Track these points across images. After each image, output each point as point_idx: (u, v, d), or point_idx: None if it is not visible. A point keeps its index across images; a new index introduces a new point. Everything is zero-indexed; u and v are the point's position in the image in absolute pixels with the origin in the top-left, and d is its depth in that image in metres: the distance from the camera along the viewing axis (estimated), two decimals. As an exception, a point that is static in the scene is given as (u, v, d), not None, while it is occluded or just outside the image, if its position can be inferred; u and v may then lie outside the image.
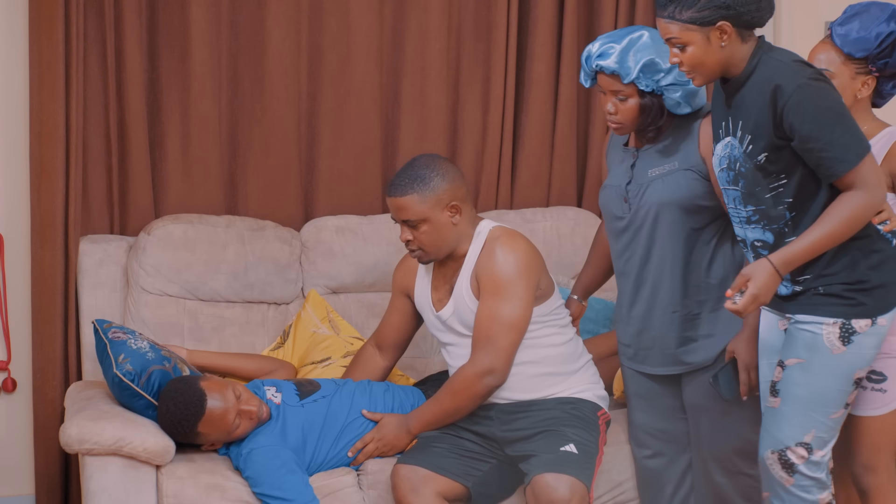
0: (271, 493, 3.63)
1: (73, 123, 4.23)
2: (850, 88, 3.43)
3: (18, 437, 4.40)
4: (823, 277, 3.25)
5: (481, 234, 3.79)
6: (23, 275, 4.36)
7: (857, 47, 3.40)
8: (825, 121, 3.13)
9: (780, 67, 3.19)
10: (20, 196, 4.35)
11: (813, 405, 3.30)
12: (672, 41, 3.24)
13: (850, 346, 3.25)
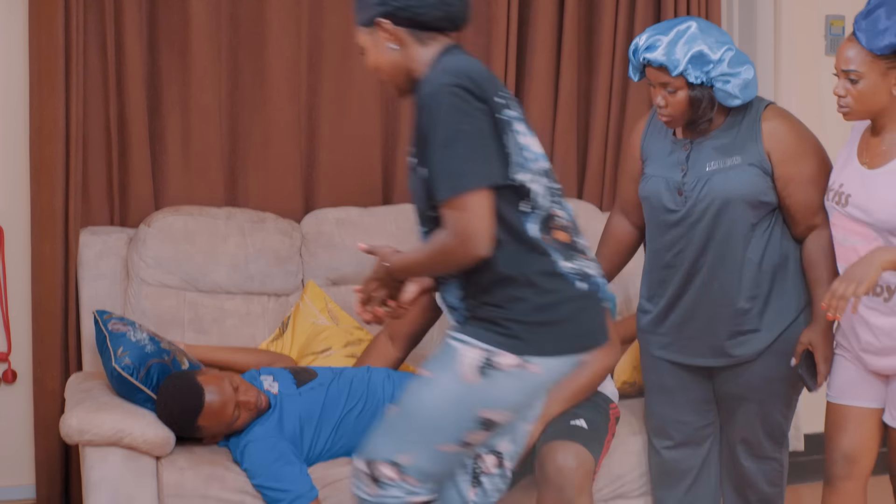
0: (269, 485, 3.63)
1: (73, 117, 4.24)
2: (884, 86, 3.30)
3: (19, 427, 4.41)
4: (486, 302, 2.92)
5: None
6: (23, 266, 4.36)
7: (881, 43, 3.25)
8: (442, 136, 2.80)
9: (435, 71, 2.90)
10: (20, 188, 4.36)
11: (420, 427, 2.96)
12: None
13: (485, 378, 2.88)
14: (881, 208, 3.32)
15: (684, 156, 3.68)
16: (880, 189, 3.33)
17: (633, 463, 4.02)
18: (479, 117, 2.84)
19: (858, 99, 3.31)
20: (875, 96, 3.30)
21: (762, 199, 3.61)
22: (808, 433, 5.28)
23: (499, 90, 2.94)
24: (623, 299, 4.64)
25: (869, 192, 3.35)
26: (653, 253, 3.80)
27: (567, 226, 2.99)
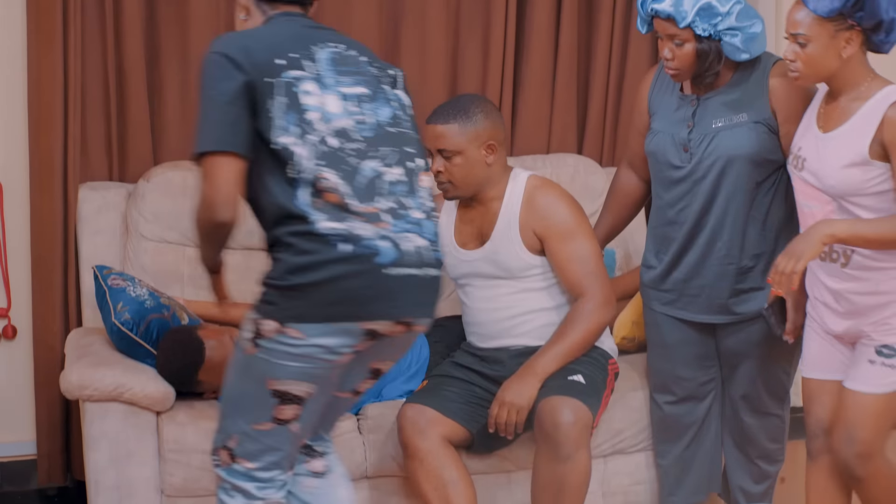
0: None
1: (71, 70, 4.22)
2: (833, 49, 3.23)
3: (19, 383, 4.42)
4: (265, 270, 2.91)
5: (518, 183, 3.82)
6: (22, 222, 4.36)
7: (825, 5, 3.19)
8: (200, 102, 2.89)
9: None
10: (19, 144, 4.34)
11: (235, 408, 2.97)
12: None
13: (258, 349, 2.87)
14: (829, 174, 3.28)
15: (691, 112, 3.67)
16: (830, 153, 3.30)
17: (632, 418, 4.03)
18: (228, 85, 2.85)
19: (808, 62, 3.25)
20: (824, 59, 3.24)
21: (768, 157, 3.60)
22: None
23: (290, 52, 2.93)
24: (623, 255, 4.64)
25: (821, 157, 3.31)
26: (657, 209, 3.79)
27: (336, 187, 2.86)
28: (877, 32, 3.23)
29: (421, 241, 2.92)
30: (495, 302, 3.82)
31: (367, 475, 3.84)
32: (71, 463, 4.41)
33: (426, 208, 2.98)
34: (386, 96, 3.05)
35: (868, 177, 3.24)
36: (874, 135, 3.22)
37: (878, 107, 3.23)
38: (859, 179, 3.24)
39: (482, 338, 3.87)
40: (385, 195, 2.91)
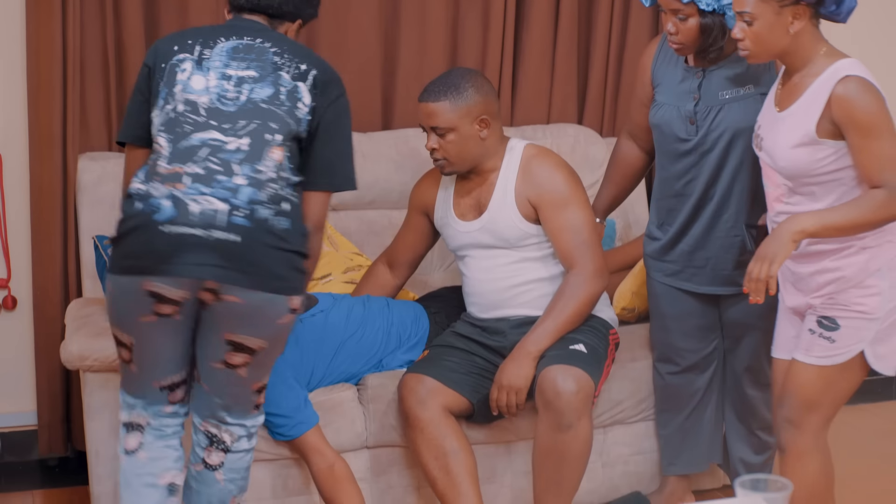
0: (270, 410, 3.64)
1: (70, 40, 4.21)
2: (780, 25, 3.15)
3: (19, 354, 4.42)
4: None
5: (514, 153, 3.81)
6: (22, 192, 4.35)
7: None
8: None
9: None
10: (18, 114, 4.33)
11: None
12: None
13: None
14: (780, 154, 3.25)
15: (696, 84, 3.66)
16: (782, 133, 3.25)
17: (631, 389, 4.03)
18: (138, 81, 3.26)
19: (756, 40, 3.19)
20: (772, 36, 3.17)
21: None
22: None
23: (190, 40, 3.22)
24: (623, 225, 4.64)
25: (774, 136, 3.28)
26: (662, 181, 3.78)
27: (160, 151, 3.09)
28: (824, 4, 3.15)
29: (220, 204, 2.98)
30: (494, 272, 3.82)
31: (368, 445, 3.85)
32: (72, 433, 4.42)
33: (259, 178, 3.03)
34: (277, 81, 3.16)
35: (818, 157, 3.18)
36: (822, 112, 3.15)
37: (826, 83, 3.15)
38: (808, 160, 3.19)
39: (482, 308, 3.88)
40: (200, 161, 3.03)
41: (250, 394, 3.22)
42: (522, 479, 3.98)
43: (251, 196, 3.01)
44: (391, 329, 3.95)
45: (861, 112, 3.10)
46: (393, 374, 3.88)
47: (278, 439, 3.67)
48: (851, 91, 3.11)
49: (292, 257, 3.07)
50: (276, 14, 3.32)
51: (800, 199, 3.25)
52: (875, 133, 3.10)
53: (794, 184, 3.24)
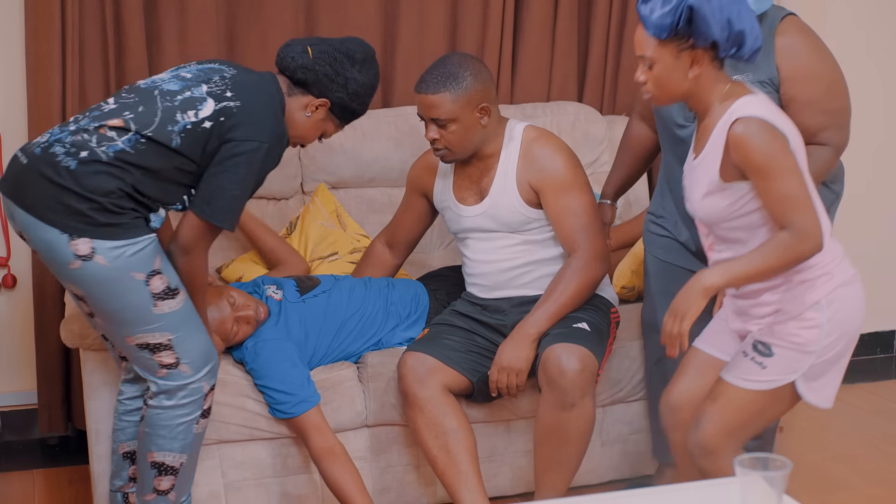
0: (274, 386, 3.65)
1: (69, 17, 4.19)
2: (679, 69, 3.04)
3: (19, 332, 4.42)
4: None
5: (514, 136, 3.79)
6: (21, 170, 4.34)
7: (656, 27, 3.00)
8: None
9: None
10: (17, 91, 4.33)
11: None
12: None
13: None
14: (696, 204, 3.14)
15: None
16: (695, 182, 3.13)
17: (632, 368, 4.03)
18: None
19: (657, 84, 3.06)
20: (672, 80, 3.04)
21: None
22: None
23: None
24: (623, 203, 4.64)
25: (692, 185, 3.16)
26: (665, 164, 3.76)
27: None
28: (721, 49, 3.02)
29: (43, 138, 3.29)
30: (496, 254, 3.81)
31: (367, 424, 3.85)
32: (72, 412, 4.42)
33: (81, 127, 3.26)
34: (191, 87, 3.33)
35: (730, 201, 3.06)
36: (722, 157, 3.03)
37: (723, 127, 3.03)
38: (721, 206, 3.07)
39: (483, 289, 3.87)
40: (80, 119, 3.31)
41: (134, 350, 3.30)
42: (522, 457, 3.98)
43: (59, 136, 3.26)
44: (390, 308, 3.95)
45: (757, 153, 2.96)
46: (392, 353, 3.88)
47: (279, 417, 3.67)
48: (745, 132, 2.97)
49: (65, 194, 3.17)
50: (293, 78, 3.45)
51: (728, 247, 3.15)
52: (774, 174, 2.97)
53: (718, 230, 3.13)
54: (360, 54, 3.48)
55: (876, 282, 5.42)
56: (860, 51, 5.21)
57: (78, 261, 3.19)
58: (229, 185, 3.28)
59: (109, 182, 3.19)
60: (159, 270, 3.25)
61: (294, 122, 3.47)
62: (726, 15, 2.96)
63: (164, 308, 3.26)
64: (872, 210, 5.38)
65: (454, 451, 3.67)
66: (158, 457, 3.40)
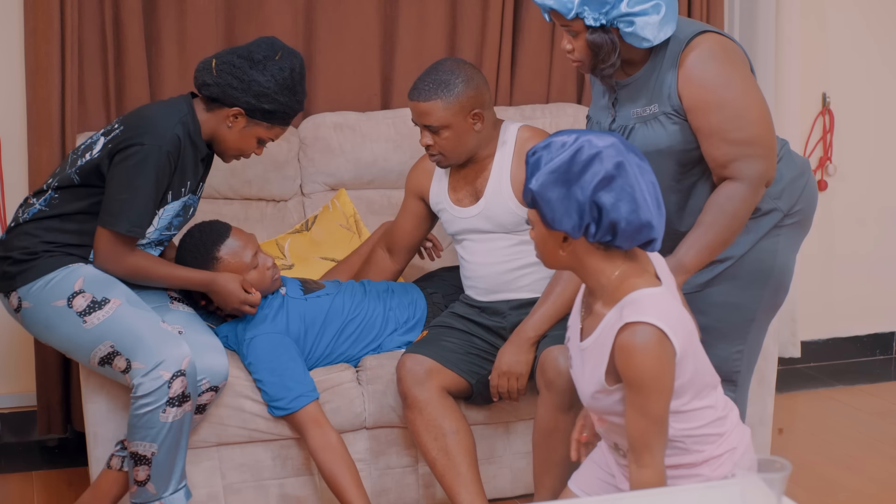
0: (271, 380, 3.65)
1: (68, 19, 4.19)
2: (551, 241, 2.74)
3: (18, 334, 4.41)
4: None
5: (509, 137, 3.79)
6: (20, 172, 4.35)
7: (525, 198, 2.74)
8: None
9: None
10: (16, 93, 4.33)
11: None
12: None
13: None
14: (584, 393, 2.84)
15: (612, 100, 3.38)
16: (583, 371, 2.83)
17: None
18: None
19: (538, 248, 2.79)
20: (546, 251, 2.77)
21: (684, 148, 3.26)
22: (806, 340, 5.31)
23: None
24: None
25: (579, 368, 2.86)
26: None
27: None
28: (590, 235, 2.69)
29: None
30: (493, 256, 3.81)
31: (366, 426, 3.85)
32: (71, 414, 4.42)
33: (17, 212, 3.66)
34: (94, 135, 3.65)
35: (614, 399, 2.76)
36: (608, 361, 2.72)
37: (611, 328, 2.70)
38: (608, 403, 2.77)
39: (481, 292, 3.87)
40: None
41: (99, 369, 3.52)
42: (521, 459, 3.98)
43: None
44: (389, 313, 3.95)
45: (639, 370, 2.65)
46: (391, 355, 3.88)
47: (277, 414, 3.67)
48: (633, 344, 2.64)
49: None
50: (204, 94, 3.62)
51: (617, 427, 2.82)
52: (646, 392, 2.66)
53: (608, 417, 2.84)
54: (261, 53, 3.58)
55: (875, 283, 5.43)
56: (856, 53, 5.23)
57: (16, 314, 3.58)
58: (117, 191, 3.49)
59: (23, 239, 3.55)
60: (80, 291, 3.48)
61: (221, 137, 3.64)
62: (589, 200, 2.63)
63: (93, 321, 3.46)
64: (871, 210, 5.39)
65: (453, 453, 3.67)
66: (132, 446, 3.47)
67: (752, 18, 5.00)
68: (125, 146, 3.49)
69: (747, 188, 3.20)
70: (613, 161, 2.63)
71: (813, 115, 5.26)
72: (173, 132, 3.51)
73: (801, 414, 4.86)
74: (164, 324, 3.53)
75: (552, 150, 2.67)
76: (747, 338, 3.42)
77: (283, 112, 3.62)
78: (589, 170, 2.62)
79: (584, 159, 2.63)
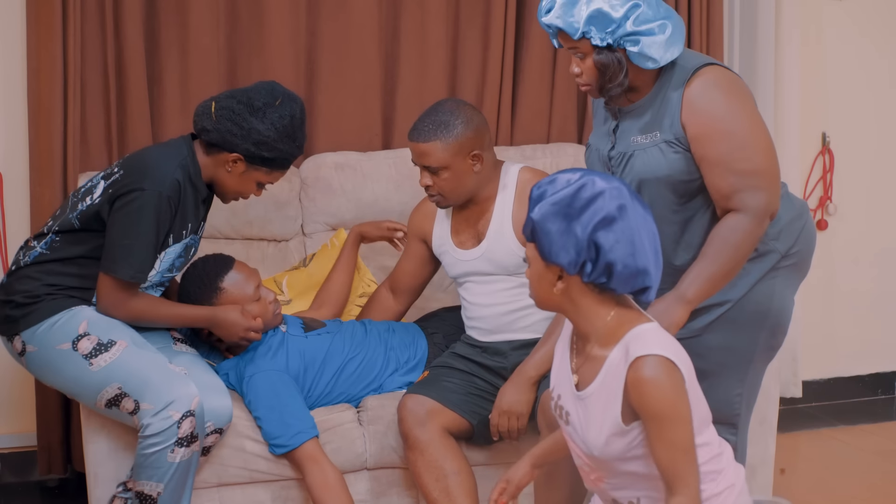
0: (270, 417, 3.65)
1: (70, 59, 4.21)
2: (545, 280, 2.70)
3: (19, 374, 4.40)
4: None
5: (510, 179, 3.81)
6: (22, 211, 4.36)
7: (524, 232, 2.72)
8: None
9: None
10: (19, 133, 4.34)
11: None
12: None
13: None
14: (594, 443, 2.74)
15: (613, 127, 3.35)
16: (590, 419, 2.75)
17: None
18: None
19: (532, 286, 2.75)
20: (541, 289, 2.72)
21: (683, 178, 3.23)
22: (807, 380, 5.31)
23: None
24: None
25: (582, 420, 2.78)
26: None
27: None
28: (585, 274, 2.66)
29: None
30: (495, 297, 3.81)
31: (367, 466, 3.84)
32: (71, 454, 4.41)
33: (17, 255, 3.69)
34: (94, 177, 3.68)
35: (628, 440, 2.70)
36: (622, 400, 2.68)
37: (619, 364, 2.68)
38: (622, 447, 2.71)
39: (483, 332, 3.87)
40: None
41: (106, 412, 3.53)
42: (523, 500, 3.95)
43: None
44: (390, 353, 3.95)
45: (657, 401, 2.63)
46: (392, 396, 3.87)
47: (277, 452, 3.66)
48: (648, 376, 2.63)
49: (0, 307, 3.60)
50: (203, 139, 3.64)
51: (620, 481, 2.80)
52: (668, 422, 2.64)
53: (610, 467, 2.79)
54: (261, 100, 3.59)
55: (875, 322, 5.43)
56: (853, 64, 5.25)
57: (20, 357, 3.59)
58: (118, 237, 3.50)
59: (24, 283, 3.56)
60: (85, 333, 3.49)
61: (220, 180, 3.66)
62: (587, 238, 2.61)
63: (100, 363, 3.47)
64: (871, 249, 5.39)
65: (455, 494, 3.66)
66: (138, 486, 3.46)
67: (751, 58, 5.02)
68: (125, 192, 3.50)
69: (751, 220, 3.17)
70: (616, 203, 2.63)
71: (813, 155, 5.28)
72: (173, 177, 3.52)
73: (803, 454, 4.85)
74: (171, 365, 3.53)
75: (557, 185, 2.66)
76: (745, 380, 3.40)
77: (282, 158, 3.63)
78: (590, 207, 2.62)
79: (587, 196, 2.63)
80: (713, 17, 4.89)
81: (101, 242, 3.54)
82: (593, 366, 2.73)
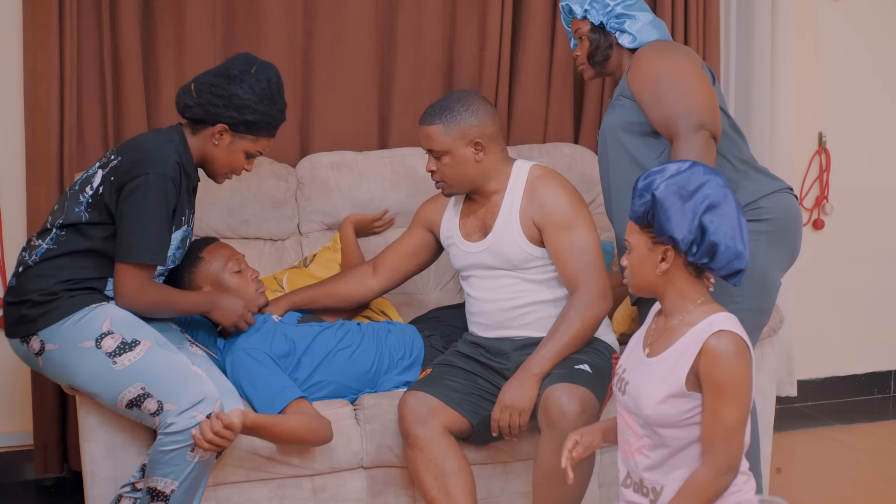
0: (255, 385, 3.71)
1: (67, 59, 4.21)
2: (650, 260, 2.94)
3: (16, 374, 4.41)
4: None
5: (520, 175, 3.82)
6: (18, 211, 4.36)
7: (635, 214, 2.95)
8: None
9: None
10: (15, 133, 4.34)
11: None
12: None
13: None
14: (647, 403, 2.93)
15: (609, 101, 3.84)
16: (651, 382, 2.95)
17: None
18: None
19: (631, 273, 2.99)
20: (642, 270, 2.95)
21: (631, 120, 3.70)
22: (802, 379, 5.31)
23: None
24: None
25: (642, 383, 2.97)
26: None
27: None
28: (691, 254, 2.89)
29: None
30: (498, 293, 3.82)
31: (364, 465, 3.83)
32: (67, 453, 4.41)
33: (21, 256, 3.66)
34: (89, 169, 3.67)
35: (684, 409, 2.90)
36: (692, 364, 2.88)
37: (699, 335, 2.89)
38: (676, 412, 2.90)
39: (485, 328, 3.87)
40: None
41: (126, 412, 3.50)
42: (519, 500, 3.97)
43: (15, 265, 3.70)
44: (384, 350, 3.96)
45: (725, 373, 2.85)
46: (389, 395, 3.87)
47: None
48: (722, 347, 2.86)
49: (11, 308, 3.57)
50: (187, 117, 3.68)
51: (659, 453, 2.97)
52: (728, 398, 2.85)
53: (661, 434, 2.95)
54: (236, 69, 3.66)
55: (872, 321, 5.44)
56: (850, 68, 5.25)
57: (37, 357, 3.53)
58: (130, 224, 3.51)
59: (38, 281, 3.53)
60: (108, 332, 3.46)
61: (210, 156, 3.70)
62: (697, 219, 2.85)
63: (124, 362, 3.45)
64: (867, 249, 5.40)
65: (453, 493, 3.66)
66: (152, 482, 3.45)
67: (747, 59, 5.03)
68: (129, 179, 3.51)
69: (701, 140, 3.54)
70: (721, 191, 2.88)
71: (809, 155, 5.29)
72: (173, 159, 3.55)
73: (799, 453, 4.85)
74: (193, 366, 3.53)
75: (669, 171, 2.90)
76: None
77: (265, 122, 3.67)
78: (700, 192, 2.86)
79: (698, 182, 2.88)
80: (710, 18, 4.90)
81: (108, 233, 3.54)
82: (670, 336, 2.96)
